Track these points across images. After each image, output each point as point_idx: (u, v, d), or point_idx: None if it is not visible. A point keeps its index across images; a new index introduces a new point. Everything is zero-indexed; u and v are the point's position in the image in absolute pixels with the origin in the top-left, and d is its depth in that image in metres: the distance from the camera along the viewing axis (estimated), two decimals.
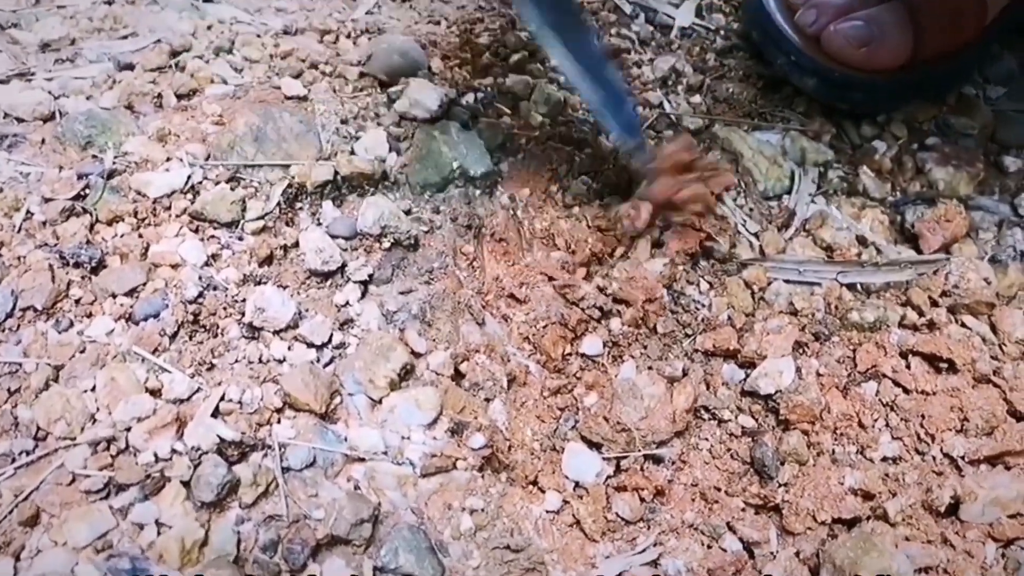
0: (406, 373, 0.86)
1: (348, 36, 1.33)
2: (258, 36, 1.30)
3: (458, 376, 0.90)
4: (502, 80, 1.22)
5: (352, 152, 1.06)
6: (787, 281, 1.02)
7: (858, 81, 1.21)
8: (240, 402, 0.80)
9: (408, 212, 1.02)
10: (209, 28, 1.32)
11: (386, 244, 0.97)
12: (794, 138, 1.21)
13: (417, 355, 0.89)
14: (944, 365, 0.95)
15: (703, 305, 0.97)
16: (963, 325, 0.99)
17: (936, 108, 1.31)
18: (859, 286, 1.04)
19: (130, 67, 1.22)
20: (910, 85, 1.23)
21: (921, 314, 1.02)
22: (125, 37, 1.31)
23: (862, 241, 1.09)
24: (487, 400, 0.90)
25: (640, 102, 1.16)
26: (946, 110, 1.31)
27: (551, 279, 0.97)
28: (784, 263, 1.03)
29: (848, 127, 1.28)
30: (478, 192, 1.06)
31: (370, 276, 0.94)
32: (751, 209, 1.09)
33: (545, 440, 0.90)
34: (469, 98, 1.19)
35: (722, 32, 1.38)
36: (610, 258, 1.00)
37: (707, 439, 0.90)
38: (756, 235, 1.07)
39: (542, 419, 0.91)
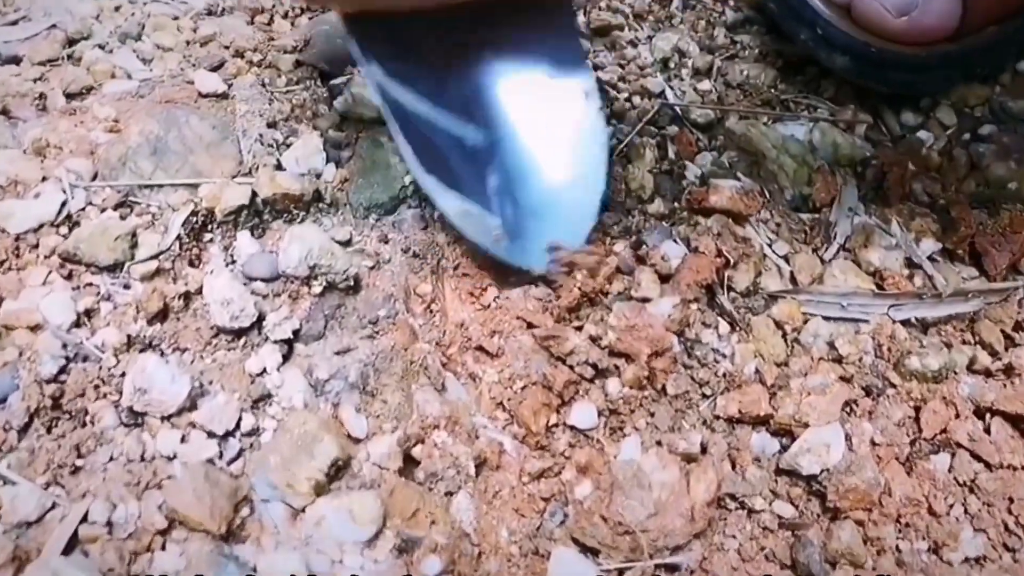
0: (338, 470, 0.65)
1: (285, 16, 1.11)
2: (175, 18, 1.08)
3: (409, 466, 0.69)
4: None
5: (278, 166, 0.84)
6: (827, 318, 0.81)
7: (897, 57, 1.00)
8: (109, 523, 0.59)
9: (347, 243, 0.80)
10: (117, 9, 1.10)
11: (317, 288, 0.75)
12: (824, 131, 0.99)
13: (355, 441, 0.68)
14: None
15: (724, 355, 0.76)
16: None
17: (989, 89, 1.10)
18: (914, 320, 0.83)
19: (15, 60, 1.00)
20: (958, 61, 1.02)
21: (995, 355, 0.81)
22: (14, 23, 1.08)
23: (913, 264, 0.88)
24: (448, 495, 0.69)
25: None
26: (1001, 91, 1.10)
27: (531, 326, 0.76)
28: (823, 295, 0.82)
29: (887, 114, 1.07)
30: (437, 214, 0.84)
31: (295, 332, 0.73)
32: (778, 224, 0.88)
33: (526, 542, 0.69)
34: None
35: (732, 3, 1.16)
36: (604, 297, 0.79)
37: (735, 536, 0.70)
38: (786, 258, 0.86)
39: (521, 513, 0.70)
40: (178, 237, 0.76)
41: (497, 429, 0.73)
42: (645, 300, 0.77)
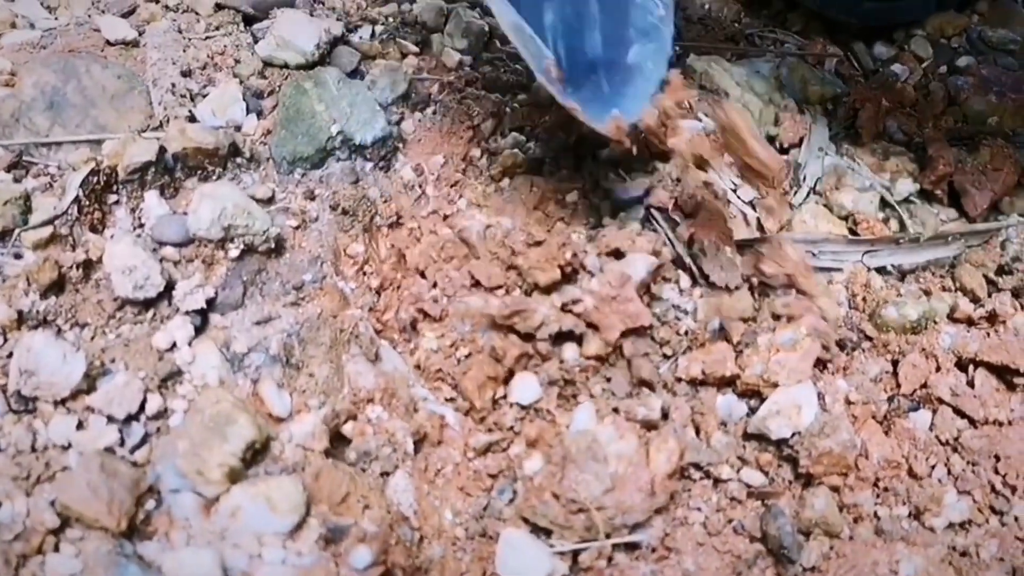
0: (256, 454, 0.58)
1: None
2: None
3: (339, 445, 0.62)
4: (406, 7, 0.92)
5: (192, 118, 0.76)
6: None
7: None
8: None
9: (269, 201, 0.73)
10: None
11: (234, 251, 0.68)
12: (792, 67, 0.92)
13: (276, 421, 0.61)
14: (1022, 380, 0.68)
15: (685, 312, 0.70)
16: None
17: (966, 18, 1.03)
18: (890, 267, 0.77)
19: None
20: None
21: (977, 301, 0.75)
22: None
23: (888, 206, 0.81)
24: (384, 475, 0.62)
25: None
26: (979, 20, 1.03)
27: (477, 284, 0.69)
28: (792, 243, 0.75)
29: (858, 48, 1.00)
30: (369, 166, 0.77)
31: (210, 302, 0.66)
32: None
33: (472, 523, 0.63)
34: (362, 34, 0.89)
35: None
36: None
37: (700, 509, 0.64)
38: (751, 204, 0.79)
39: (467, 492, 0.64)
40: (76, 199, 0.67)
41: (439, 401, 0.67)
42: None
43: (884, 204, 0.82)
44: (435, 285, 0.73)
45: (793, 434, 0.65)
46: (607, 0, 0.66)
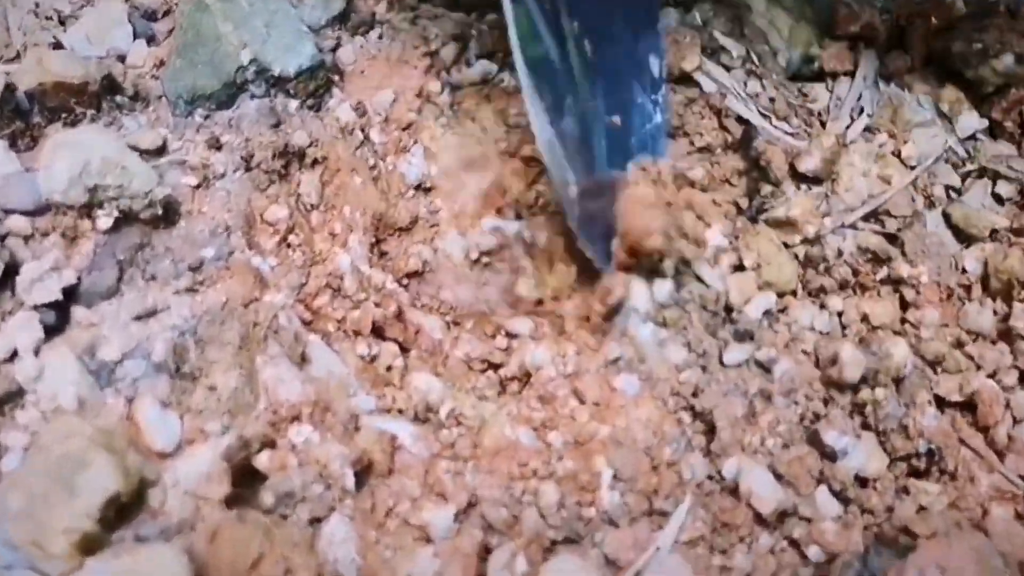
0: (124, 509, 0.41)
1: None
2: None
3: (248, 485, 0.45)
4: None
5: (57, 45, 0.58)
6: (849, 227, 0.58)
7: None
8: None
9: (159, 152, 0.55)
10: None
11: (105, 220, 0.50)
12: None
13: (159, 457, 0.44)
14: None
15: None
16: None
17: None
18: None
19: None
20: None
21: None
22: None
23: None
24: (315, 521, 0.45)
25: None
26: None
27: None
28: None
29: None
30: (294, 104, 0.59)
31: (69, 291, 0.48)
32: (772, 100, 0.64)
33: None
34: None
35: None
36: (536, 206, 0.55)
37: None
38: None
39: (431, 538, 0.47)
40: None
41: (390, 416, 0.50)
42: None
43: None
44: (382, 255, 0.56)
45: None
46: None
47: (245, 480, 0.45)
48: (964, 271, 0.59)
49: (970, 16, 0.72)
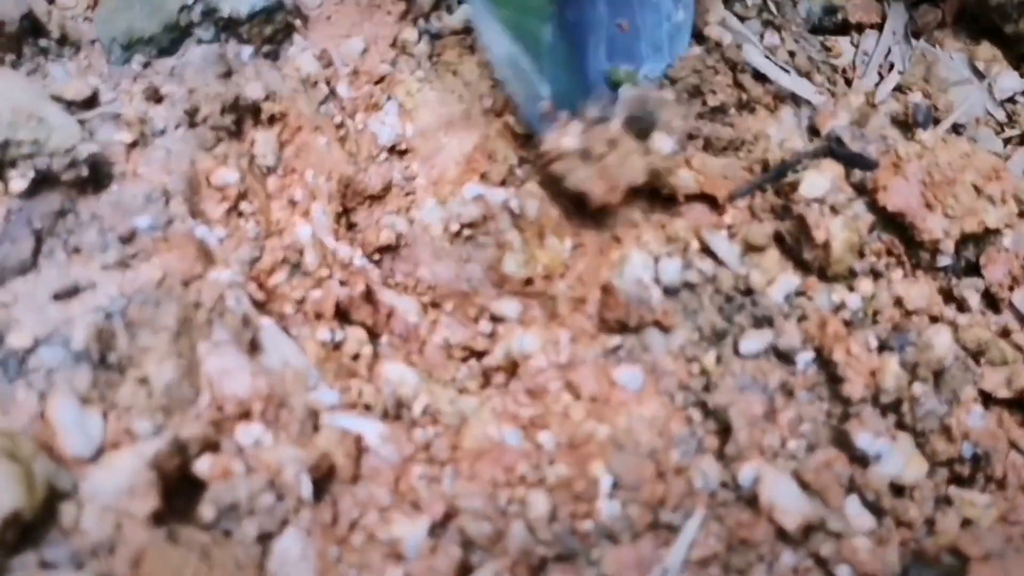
0: (28, 530, 0.34)
1: None
2: None
3: (183, 498, 0.38)
4: None
5: None
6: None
7: None
8: None
9: (89, 103, 0.47)
10: None
11: (19, 181, 0.43)
12: None
13: (74, 464, 0.37)
14: None
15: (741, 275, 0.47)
16: None
17: None
18: None
19: None
20: None
21: None
22: None
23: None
24: (264, 539, 0.39)
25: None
26: None
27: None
28: None
29: None
30: (247, 51, 0.52)
31: None
32: (791, 53, 0.57)
33: None
34: None
35: None
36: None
37: None
38: (809, 103, 0.55)
39: (401, 555, 0.41)
40: None
41: (354, 411, 0.43)
42: None
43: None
44: (350, 227, 0.49)
45: None
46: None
47: (180, 491, 0.38)
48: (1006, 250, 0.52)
49: None
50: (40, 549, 0.34)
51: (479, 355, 0.48)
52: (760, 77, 0.55)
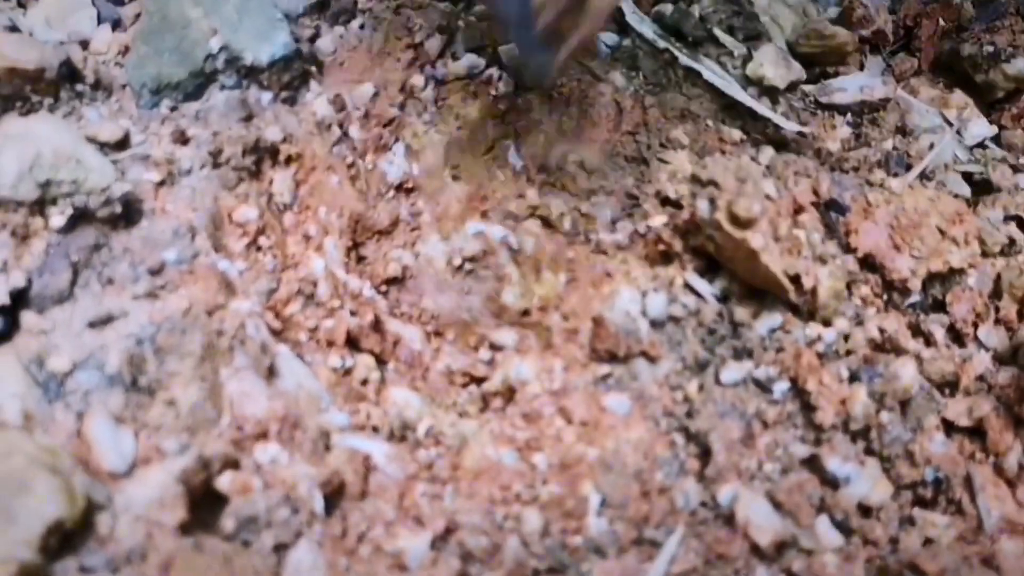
0: (69, 538, 0.38)
1: None
2: None
3: (208, 510, 0.42)
4: None
5: (13, 28, 0.54)
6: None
7: None
8: None
9: (120, 145, 0.51)
10: None
11: (58, 218, 0.46)
12: None
13: (110, 479, 0.40)
14: None
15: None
16: None
17: None
18: None
19: None
20: None
21: None
22: None
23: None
24: (280, 549, 0.42)
25: None
26: None
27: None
28: None
29: None
30: (267, 97, 0.55)
31: (18, 294, 0.44)
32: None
33: None
34: None
35: None
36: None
37: None
38: None
39: (405, 566, 0.44)
40: None
41: (366, 433, 0.46)
42: None
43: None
44: (360, 260, 0.52)
45: None
46: None
47: (204, 504, 0.42)
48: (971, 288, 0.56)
49: (979, 18, 0.70)
50: (79, 556, 0.38)
51: (479, 381, 0.52)
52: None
